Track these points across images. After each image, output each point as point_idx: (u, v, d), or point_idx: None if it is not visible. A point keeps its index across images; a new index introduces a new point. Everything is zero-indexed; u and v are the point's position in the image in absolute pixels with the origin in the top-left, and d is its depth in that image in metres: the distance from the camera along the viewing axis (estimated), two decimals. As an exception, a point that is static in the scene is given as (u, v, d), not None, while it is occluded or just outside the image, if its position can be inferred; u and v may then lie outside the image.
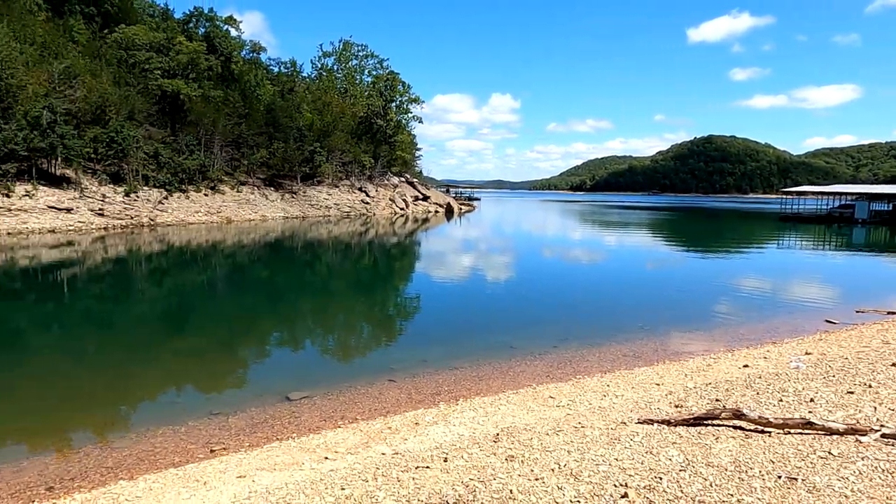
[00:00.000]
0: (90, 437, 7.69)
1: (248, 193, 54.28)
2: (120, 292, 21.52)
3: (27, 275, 23.50)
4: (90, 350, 13.01)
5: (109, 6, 60.93)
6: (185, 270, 26.96)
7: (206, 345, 13.51)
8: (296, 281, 25.97)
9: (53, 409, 9.02)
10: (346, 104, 73.98)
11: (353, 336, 14.95)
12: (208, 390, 10.01)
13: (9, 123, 36.00)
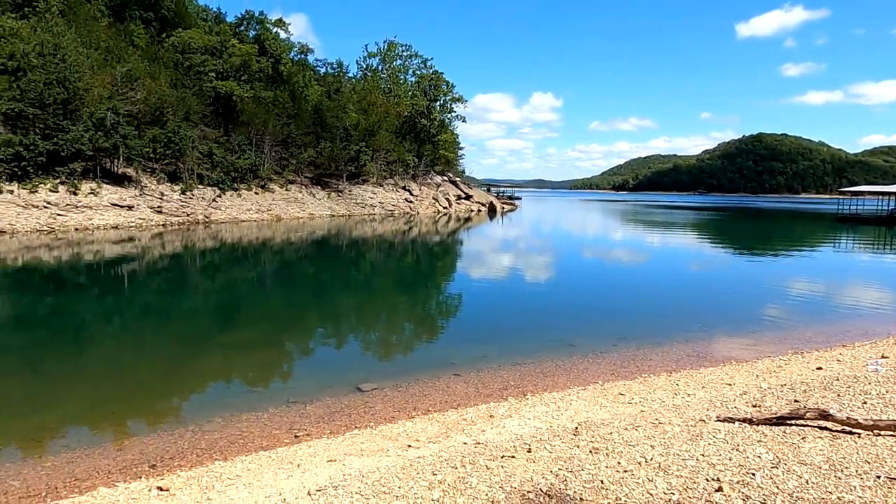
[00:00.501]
0: (181, 421, 8.13)
1: (296, 192, 55.54)
2: (184, 286, 22.42)
3: (99, 269, 24.73)
4: (165, 339, 13.67)
5: (166, 11, 63.28)
6: (241, 266, 27.84)
7: (273, 337, 14.02)
8: (349, 277, 26.54)
9: (142, 394, 9.57)
10: (390, 104, 74.77)
11: (412, 330, 15.23)
12: (282, 380, 10.42)
13: (76, 125, 37.81)
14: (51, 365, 11.32)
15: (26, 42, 38.98)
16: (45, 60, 36.79)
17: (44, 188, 36.05)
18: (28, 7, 48.27)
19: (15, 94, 36.03)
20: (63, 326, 14.96)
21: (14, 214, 33.52)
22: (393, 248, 37.60)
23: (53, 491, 6.08)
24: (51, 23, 40.71)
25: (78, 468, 6.63)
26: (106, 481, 6.24)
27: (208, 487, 5.70)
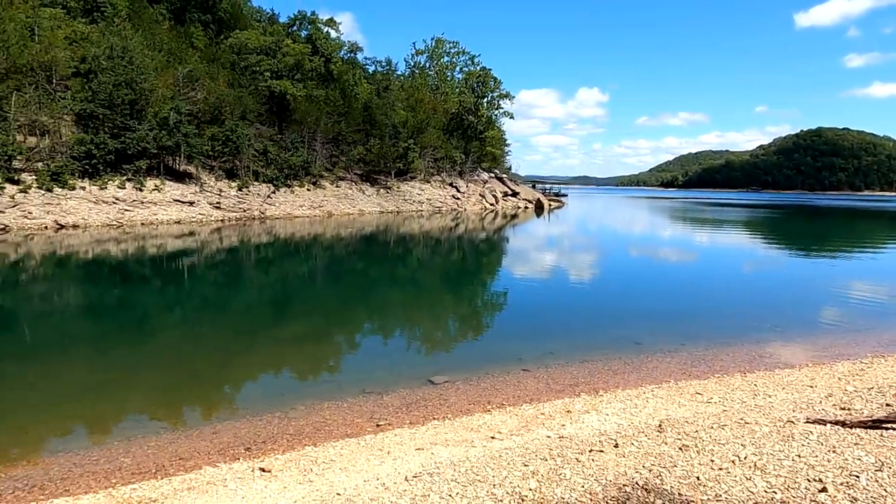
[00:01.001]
0: (266, 408, 8.50)
1: (346, 189, 56.50)
2: (245, 279, 23.22)
3: (161, 262, 25.87)
4: (237, 330, 14.25)
5: (222, 14, 65.36)
6: (299, 261, 28.59)
7: (340, 329, 14.48)
8: (405, 272, 26.93)
9: (226, 382, 10.06)
10: (437, 101, 75.10)
11: (475, 325, 15.37)
12: (355, 371, 10.74)
13: (142, 124, 39.50)
14: (132, 352, 11.97)
15: (97, 46, 40.98)
16: (115, 63, 38.57)
17: (112, 185, 37.85)
18: (97, 12, 50.70)
19: (87, 95, 37.94)
20: (136, 316, 15.77)
21: (86, 210, 35.35)
22: (444, 245, 37.87)
23: (161, 468, 6.50)
24: (119, 27, 42.59)
25: (180, 448, 7.06)
26: (208, 461, 6.62)
27: (307, 470, 5.98)
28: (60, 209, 34.23)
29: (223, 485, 5.68)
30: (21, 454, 6.93)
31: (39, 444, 7.31)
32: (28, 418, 8.28)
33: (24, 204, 32.94)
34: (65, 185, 35.41)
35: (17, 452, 7.01)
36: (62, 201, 34.73)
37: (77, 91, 38.78)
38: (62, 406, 8.76)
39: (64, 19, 45.49)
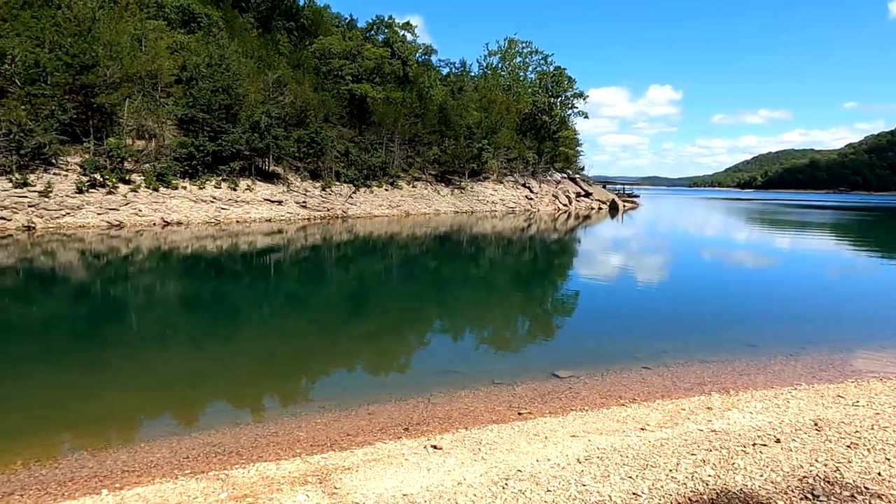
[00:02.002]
0: (410, 393, 9.07)
1: (421, 189, 57.57)
2: (344, 275, 24.28)
3: (265, 257, 27.42)
4: (352, 321, 15.05)
5: (305, 20, 68.00)
6: (391, 258, 29.50)
7: (456, 323, 15.08)
8: (498, 270, 27.34)
9: (363, 367, 10.74)
10: (510, 101, 75.14)
11: (585, 324, 15.43)
12: (481, 362, 11.16)
13: (235, 127, 41.81)
14: (261, 340, 12.92)
15: (196, 55, 43.75)
16: (213, 70, 41.03)
17: (209, 185, 40.31)
18: (193, 23, 54.01)
19: (188, 101, 40.56)
20: (257, 307, 16.91)
21: (188, 208, 37.83)
22: (525, 245, 38.03)
23: (335, 442, 7.13)
24: (217, 36, 45.21)
25: (344, 426, 7.69)
26: (375, 438, 7.21)
27: (475, 450, 6.43)
28: (165, 207, 36.82)
29: (404, 458, 6.20)
30: (208, 424, 7.76)
31: (217, 417, 8.14)
32: (202, 392, 9.21)
33: (135, 202, 35.65)
34: (169, 184, 38.03)
35: (204, 423, 7.86)
36: (167, 200, 37.33)
37: (179, 97, 41.54)
38: (220, 383, 9.68)
39: (165, 30, 48.74)
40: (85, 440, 7.24)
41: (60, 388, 9.35)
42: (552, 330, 14.39)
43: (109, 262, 24.31)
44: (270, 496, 5.21)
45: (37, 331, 13.38)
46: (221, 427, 7.63)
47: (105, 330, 13.53)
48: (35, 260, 23.56)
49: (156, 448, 6.90)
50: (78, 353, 11.64)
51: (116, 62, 37.86)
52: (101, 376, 10.05)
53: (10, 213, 30.18)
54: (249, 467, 6.11)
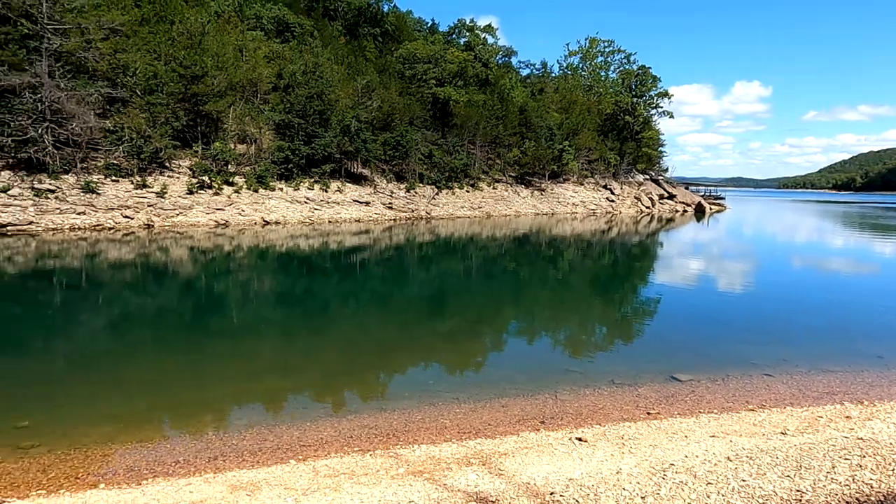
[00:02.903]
0: (536, 389, 9.52)
1: (502, 190, 57.90)
2: (436, 274, 25.06)
3: (358, 255, 28.69)
4: (460, 320, 15.66)
5: (389, 26, 70.00)
6: (485, 258, 30.08)
7: (561, 323, 15.32)
8: (590, 273, 27.36)
9: (483, 363, 11.29)
10: (591, 101, 74.07)
11: (695, 327, 15.27)
12: (598, 362, 11.45)
13: (327, 132, 43.75)
14: (366, 335, 13.74)
15: (292, 63, 46.17)
16: (308, 77, 43.15)
17: (303, 186, 42.44)
18: (287, 32, 56.92)
19: (285, 107, 42.88)
20: (355, 301, 17.86)
21: (284, 208, 40.03)
22: (617, 247, 37.60)
23: (480, 431, 7.71)
24: (312, 45, 47.47)
25: (483, 416, 8.26)
26: (517, 429, 7.70)
27: (619, 444, 6.77)
28: (265, 207, 39.14)
29: (553, 448, 6.64)
30: (355, 409, 8.53)
31: (360, 402, 8.90)
32: (343, 379, 10.06)
33: (238, 203, 38.14)
34: (267, 186, 40.38)
35: (351, 407, 8.63)
36: (265, 201, 39.67)
37: (277, 104, 43.98)
38: (358, 372, 10.50)
39: (262, 40, 51.70)
40: (252, 417, 8.16)
41: (210, 371, 10.49)
42: (662, 333, 14.33)
43: (214, 258, 26.26)
44: (444, 473, 5.79)
45: (173, 320, 14.90)
46: (369, 411, 8.37)
47: (229, 320, 14.84)
48: (151, 255, 25.82)
49: (321, 427, 7.70)
50: (218, 339, 12.88)
51: (223, 72, 40.64)
52: (239, 360, 11.13)
53: (132, 212, 33.13)
54: (415, 448, 6.75)
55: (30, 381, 9.66)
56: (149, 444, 7.13)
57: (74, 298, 17.32)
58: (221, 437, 7.31)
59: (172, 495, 5.42)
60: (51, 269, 21.32)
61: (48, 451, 6.82)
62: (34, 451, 6.83)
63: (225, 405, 8.76)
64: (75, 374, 10.20)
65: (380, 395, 9.24)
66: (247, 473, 6.02)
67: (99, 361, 11.03)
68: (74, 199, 31.55)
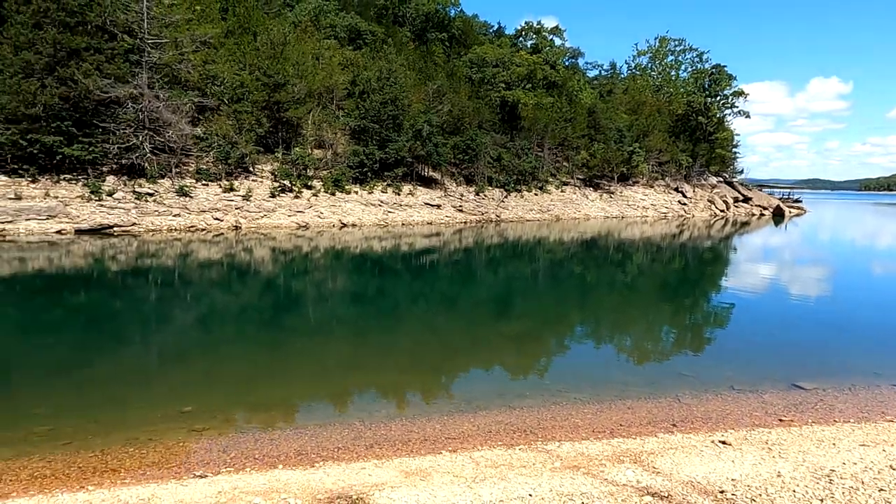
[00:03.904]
0: (655, 392, 9.57)
1: (570, 193, 57.40)
2: (516, 276, 25.22)
3: (427, 256, 29.22)
4: (558, 322, 15.80)
5: (455, 31, 70.73)
6: (565, 261, 30.04)
7: (669, 328, 15.25)
8: (676, 276, 26.91)
9: (596, 366, 11.44)
10: (661, 102, 72.27)
11: (802, 333, 14.82)
12: (709, 368, 11.36)
13: (400, 136, 44.68)
14: (458, 333, 14.07)
15: (365, 69, 47.46)
16: (382, 84, 44.24)
17: (377, 189, 43.53)
18: (359, 39, 58.53)
19: (360, 112, 44.12)
20: (443, 302, 18.26)
21: (360, 211, 41.20)
22: (695, 251, 36.69)
23: (614, 431, 7.88)
24: (385, 51, 48.59)
25: (612, 417, 8.43)
26: (649, 431, 7.80)
27: (765, 448, 6.78)
28: (341, 210, 40.41)
29: (698, 450, 6.73)
30: (484, 404, 8.85)
31: (489, 398, 9.21)
32: (456, 376, 10.44)
33: (317, 205, 39.56)
34: (343, 189, 41.68)
35: (481, 403, 8.96)
36: (342, 204, 40.95)
37: (352, 109, 45.31)
38: (477, 369, 10.86)
39: (336, 48, 53.39)
40: (387, 410, 8.62)
41: (330, 365, 11.11)
42: (773, 339, 13.95)
43: (293, 258, 27.40)
44: (600, 469, 6.00)
45: (280, 316, 15.74)
46: (497, 408, 8.68)
47: (331, 318, 15.55)
48: (237, 255, 27.21)
49: (459, 422, 8.07)
50: (324, 336, 13.56)
51: (303, 80, 42.28)
52: (351, 355, 11.71)
53: (222, 214, 34.98)
54: (559, 444, 7.00)
55: (179, 370, 10.55)
56: (305, 430, 7.68)
57: (181, 294, 18.59)
58: (370, 428, 7.79)
59: (353, 476, 5.88)
60: (170, 267, 22.89)
61: (219, 434, 7.48)
62: (207, 433, 7.51)
63: (356, 397, 9.29)
64: (213, 365, 11.02)
65: (502, 393, 9.52)
66: (412, 461, 6.42)
67: (225, 353, 11.87)
68: (170, 202, 33.62)
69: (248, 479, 5.89)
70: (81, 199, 30.88)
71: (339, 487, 5.56)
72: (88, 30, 32.49)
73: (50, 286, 18.64)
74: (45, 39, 30.36)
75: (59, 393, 9.10)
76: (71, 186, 31.44)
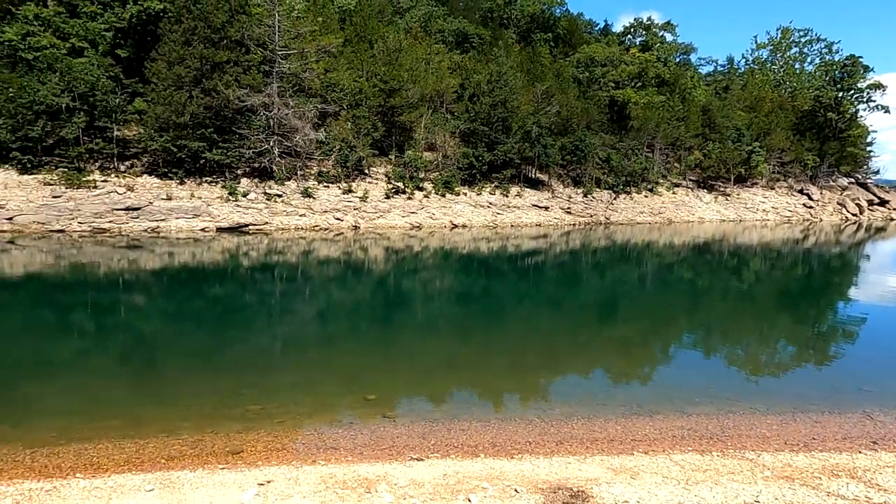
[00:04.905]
0: (839, 407, 9.08)
1: (682, 195, 54.98)
2: (632, 282, 24.61)
3: (523, 259, 29.11)
4: (692, 331, 15.32)
5: (560, 31, 69.83)
6: (692, 267, 29.00)
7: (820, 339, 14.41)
8: (814, 289, 25.23)
9: (755, 378, 11.03)
10: (783, 98, 67.42)
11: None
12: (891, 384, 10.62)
13: (509, 138, 44.83)
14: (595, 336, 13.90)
15: (473, 73, 48.09)
16: (492, 86, 44.62)
17: (485, 191, 43.96)
18: (466, 43, 59.35)
19: (470, 115, 44.76)
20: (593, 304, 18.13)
21: (469, 212, 41.81)
22: (838, 258, 34.10)
23: (807, 445, 7.54)
24: (497, 54, 48.94)
25: (801, 430, 8.07)
26: (846, 446, 7.45)
27: None
28: (452, 211, 41.20)
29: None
30: (654, 410, 8.80)
31: (660, 405, 9.15)
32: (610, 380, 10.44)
33: (428, 207, 40.59)
34: (452, 191, 42.46)
35: (653, 407, 8.92)
36: (452, 205, 41.74)
37: (461, 112, 46.07)
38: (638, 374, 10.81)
39: (444, 52, 54.47)
40: (562, 409, 8.78)
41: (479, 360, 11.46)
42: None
43: (404, 258, 28.26)
44: (816, 481, 5.82)
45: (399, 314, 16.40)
46: (673, 413, 8.60)
47: (456, 317, 15.95)
48: (353, 253, 28.52)
49: (640, 425, 8.09)
50: (454, 333, 13.98)
51: (416, 85, 43.57)
52: (493, 353, 11.98)
53: (342, 214, 36.80)
54: (761, 454, 6.85)
55: (350, 360, 11.35)
56: (489, 424, 8.01)
57: (343, 291, 19.84)
58: (552, 425, 8.00)
59: (562, 470, 6.10)
60: (319, 265, 24.54)
61: (411, 423, 7.99)
62: (399, 421, 8.05)
63: (521, 394, 9.53)
64: (379, 357, 11.73)
65: (670, 398, 9.40)
66: (612, 459, 6.55)
67: (378, 345, 12.58)
68: (297, 202, 35.84)
69: (462, 465, 6.26)
70: (220, 200, 33.64)
71: (555, 479, 5.78)
72: (228, 44, 35.35)
73: (217, 279, 20.60)
74: (193, 55, 33.39)
75: (253, 376, 10.07)
76: (211, 188, 34.35)
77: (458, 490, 5.49)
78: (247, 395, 8.94)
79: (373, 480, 5.70)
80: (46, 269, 20.72)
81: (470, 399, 9.35)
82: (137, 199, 31.30)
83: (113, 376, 10.16)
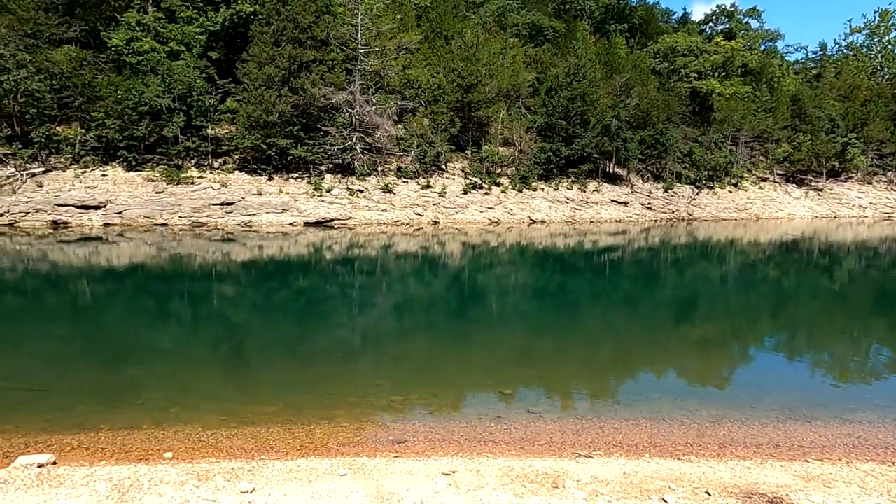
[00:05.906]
0: None
1: (769, 190, 52.29)
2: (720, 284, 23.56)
3: (600, 256, 28.35)
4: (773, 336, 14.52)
5: (637, 20, 67.76)
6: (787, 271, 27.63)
7: None
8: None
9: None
10: (881, 85, 62.85)
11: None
12: None
13: (587, 132, 43.93)
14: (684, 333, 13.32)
15: (549, 66, 47.39)
16: (570, 80, 43.82)
17: (562, 186, 43.31)
18: (540, 36, 58.57)
19: (547, 109, 44.17)
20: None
21: (547, 207, 41.32)
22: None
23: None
24: (576, 46, 48.04)
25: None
26: None
27: None
28: (529, 207, 40.84)
29: None
30: (803, 416, 8.38)
31: (762, 409, 8.71)
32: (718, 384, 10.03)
33: (506, 202, 40.40)
34: (529, 186, 42.06)
35: (806, 412, 8.50)
36: (529, 200, 41.37)
37: (538, 106, 45.53)
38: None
39: (519, 46, 53.93)
40: (707, 410, 8.49)
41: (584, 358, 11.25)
42: None
43: (481, 252, 28.11)
44: None
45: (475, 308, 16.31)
46: (832, 419, 8.14)
47: (538, 315, 15.71)
48: (430, 248, 28.61)
49: (798, 431, 7.71)
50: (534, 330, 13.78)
51: (493, 80, 43.38)
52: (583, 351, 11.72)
53: (421, 209, 37.17)
54: (868, 465, 6.39)
55: (455, 352, 11.45)
56: (638, 422, 7.82)
57: (423, 286, 20.10)
58: (708, 426, 7.75)
59: (747, 474, 5.87)
60: (407, 260, 24.99)
61: (557, 419, 7.92)
62: (547, 416, 8.01)
63: (657, 393, 9.26)
64: (489, 353, 11.77)
65: (824, 403, 8.90)
66: (794, 466, 6.25)
67: (480, 340, 12.60)
68: (378, 198, 36.49)
69: (636, 465, 6.14)
70: (306, 195, 34.70)
71: (743, 484, 5.57)
72: (314, 44, 36.34)
73: (323, 272, 21.30)
74: (282, 55, 34.53)
75: (383, 368, 10.31)
76: (297, 184, 35.46)
77: (647, 490, 5.37)
78: (383, 386, 9.13)
79: (552, 475, 5.67)
80: (166, 263, 22.01)
81: (603, 396, 9.17)
82: (231, 194, 32.73)
83: (254, 364, 10.63)
